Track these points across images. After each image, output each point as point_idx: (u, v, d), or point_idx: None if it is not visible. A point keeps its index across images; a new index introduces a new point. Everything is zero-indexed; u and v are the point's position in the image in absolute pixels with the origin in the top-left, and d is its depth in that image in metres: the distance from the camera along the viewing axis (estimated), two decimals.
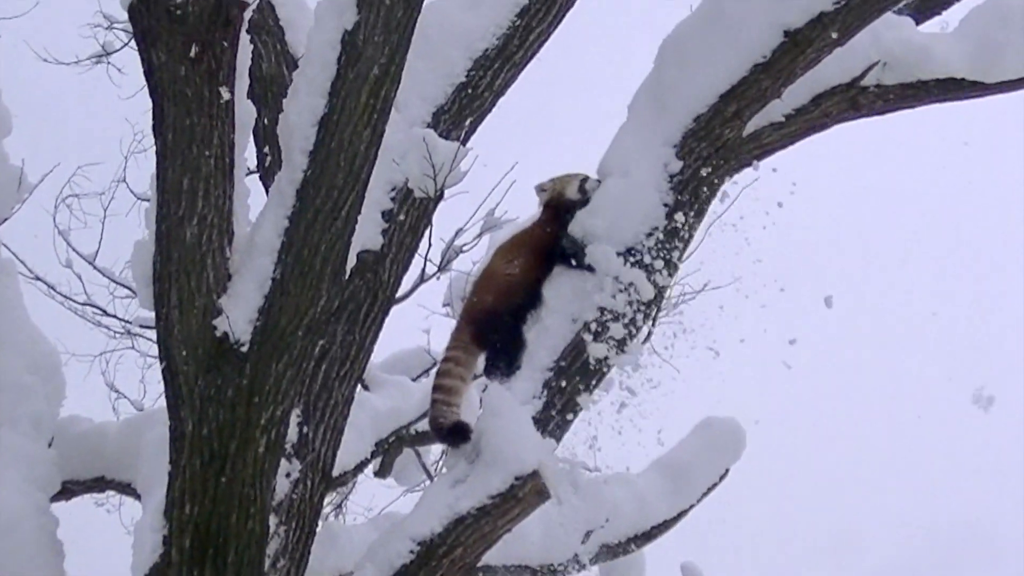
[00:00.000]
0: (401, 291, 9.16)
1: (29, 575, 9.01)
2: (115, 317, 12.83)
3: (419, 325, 11.43)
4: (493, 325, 8.44)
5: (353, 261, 8.17)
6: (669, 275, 8.24)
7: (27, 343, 9.99)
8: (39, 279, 12.68)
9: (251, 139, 8.65)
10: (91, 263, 12.73)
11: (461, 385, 8.48)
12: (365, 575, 7.95)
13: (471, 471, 7.90)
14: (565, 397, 8.13)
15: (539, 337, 8.23)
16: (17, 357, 9.88)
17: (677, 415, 9.34)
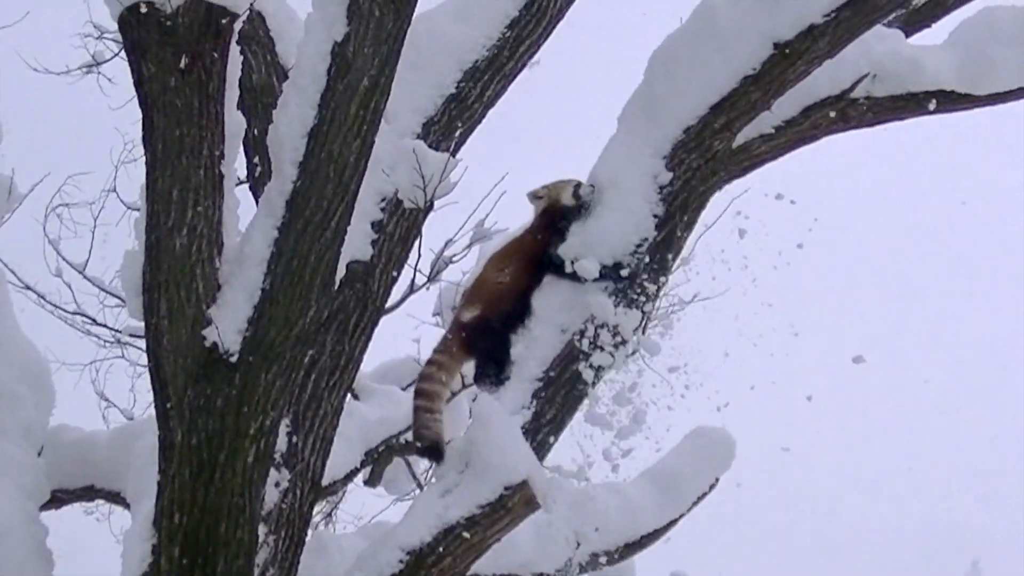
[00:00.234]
0: (391, 301, 9.18)
1: None
2: (105, 326, 12.84)
3: (409, 335, 11.44)
4: (482, 332, 8.45)
5: (343, 272, 8.19)
6: (658, 287, 8.27)
7: (17, 352, 10.00)
8: (29, 288, 12.68)
9: (241, 150, 8.65)
10: (81, 272, 12.73)
11: (443, 390, 8.51)
12: None
13: (460, 481, 7.90)
14: (554, 407, 8.15)
15: (528, 347, 8.24)
16: (7, 366, 9.89)
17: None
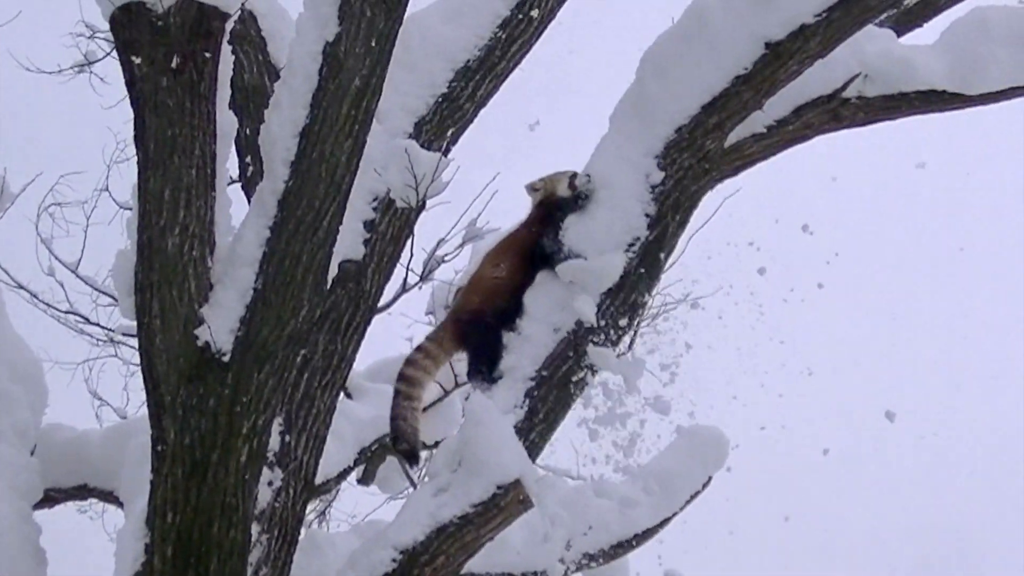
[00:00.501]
0: (383, 301, 9.17)
1: None
2: (98, 325, 12.80)
3: (402, 333, 11.41)
4: (477, 327, 8.48)
5: (335, 271, 8.20)
6: (649, 286, 8.29)
7: (10, 351, 10.00)
8: (22, 287, 12.65)
9: (233, 149, 8.66)
10: (74, 271, 12.70)
11: (425, 378, 8.59)
12: None
13: (453, 480, 7.91)
14: (547, 407, 8.16)
15: (521, 347, 8.25)
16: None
17: None
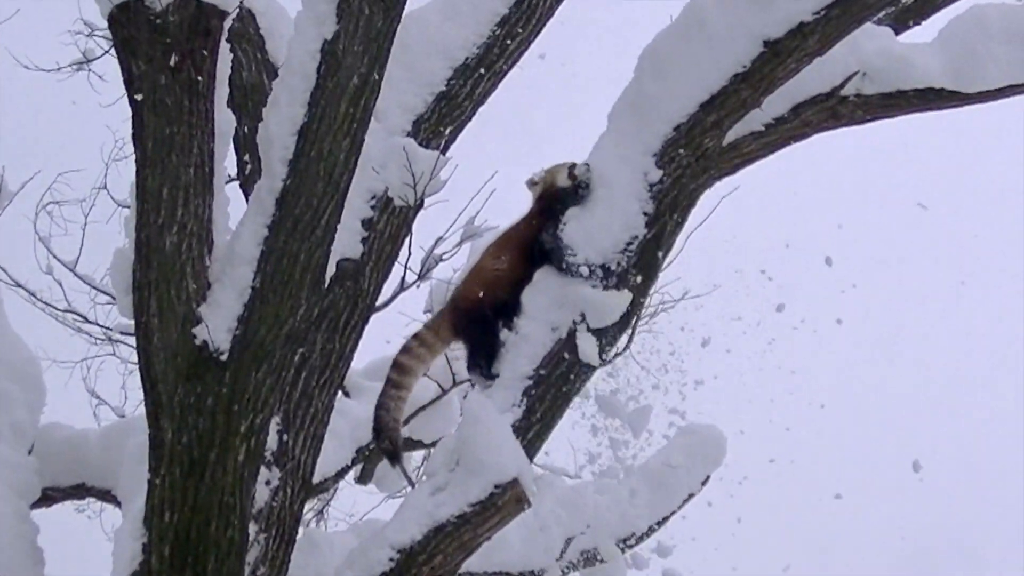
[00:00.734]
0: (381, 299, 9.16)
1: None
2: (96, 324, 12.83)
3: (399, 332, 11.41)
4: (475, 318, 8.47)
5: (333, 270, 8.20)
6: (647, 285, 8.29)
7: (7, 350, 10.00)
8: (20, 286, 12.68)
9: (231, 148, 8.66)
10: (72, 270, 12.72)
11: (418, 366, 8.57)
12: None
13: (451, 479, 7.91)
14: (545, 406, 8.15)
15: (519, 345, 8.24)
16: None
17: None
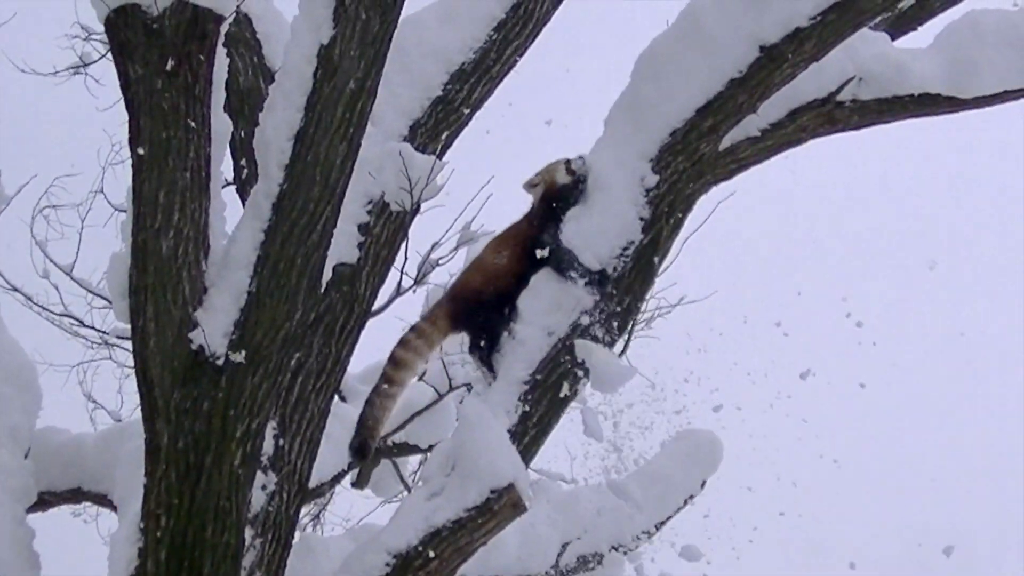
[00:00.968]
0: (377, 304, 9.15)
1: None
2: (92, 328, 12.77)
3: (396, 337, 11.42)
4: (476, 306, 8.48)
5: (329, 274, 8.19)
6: (643, 290, 8.29)
7: (4, 354, 9.99)
8: (16, 290, 12.63)
9: (227, 152, 8.65)
10: (68, 274, 12.67)
11: (415, 359, 8.59)
12: None
13: (447, 483, 7.92)
14: (541, 410, 8.16)
15: (515, 350, 8.24)
16: None
17: None
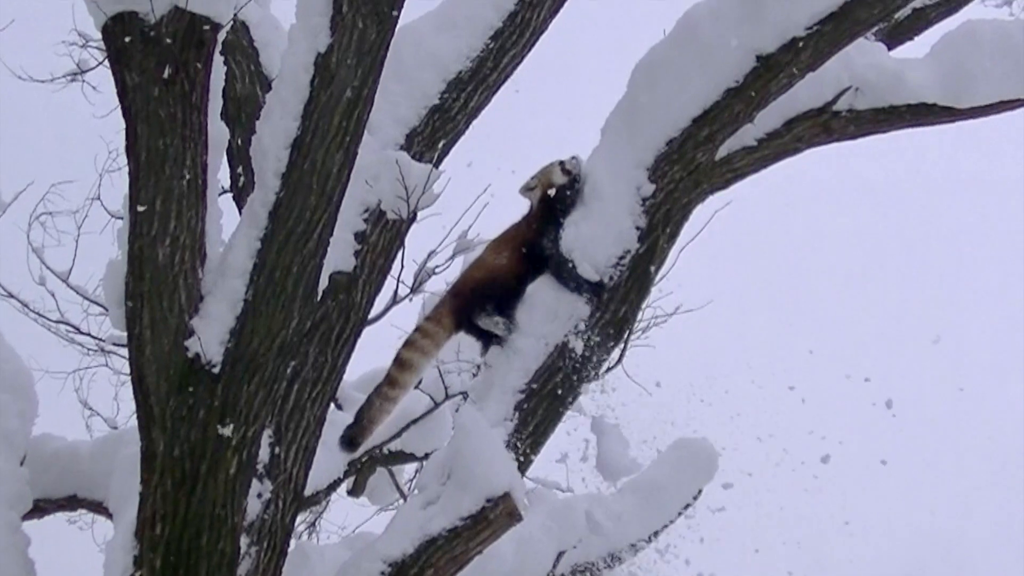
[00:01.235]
0: (373, 312, 9.16)
1: None
2: (89, 335, 12.78)
3: (392, 345, 11.43)
4: (479, 299, 8.49)
5: (325, 282, 8.19)
6: (639, 299, 8.29)
7: (0, 361, 9.98)
8: (12, 296, 12.64)
9: (224, 159, 8.65)
10: (65, 281, 12.68)
11: (420, 360, 8.62)
12: None
13: (443, 492, 7.92)
14: (537, 419, 8.16)
15: (511, 359, 8.25)
16: None
17: None
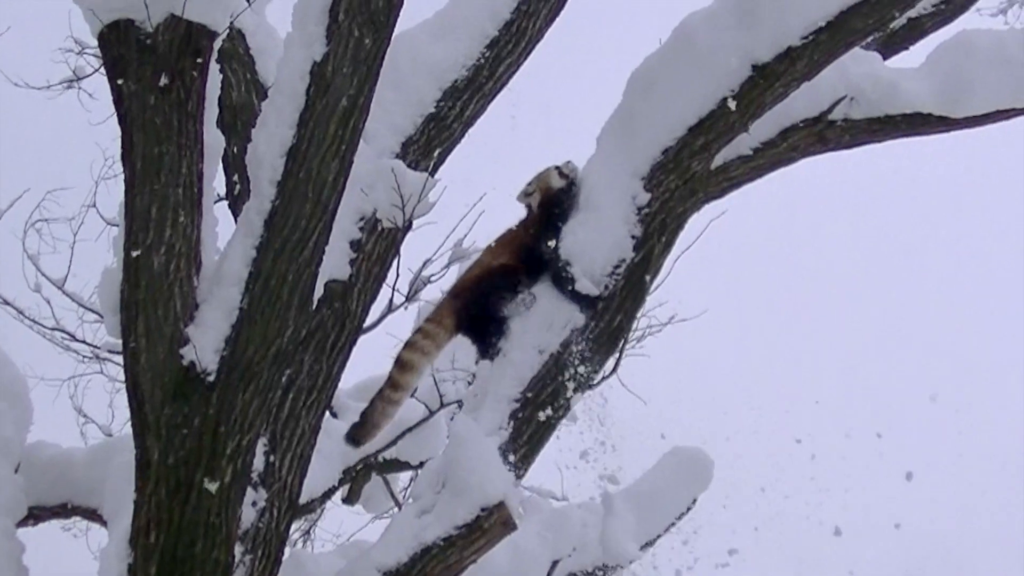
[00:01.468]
0: (369, 321, 9.16)
1: None
2: (84, 342, 12.80)
3: (387, 353, 11.44)
4: (478, 298, 8.50)
5: (321, 291, 8.18)
6: (634, 308, 8.29)
7: None
8: (8, 303, 12.66)
9: (220, 167, 8.65)
10: (60, 288, 12.70)
11: (422, 361, 8.63)
12: None
13: (437, 501, 7.92)
14: (531, 428, 8.16)
15: (506, 368, 8.25)
16: None
17: None
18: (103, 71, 8.18)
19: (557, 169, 8.65)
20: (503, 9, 9.08)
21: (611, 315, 8.27)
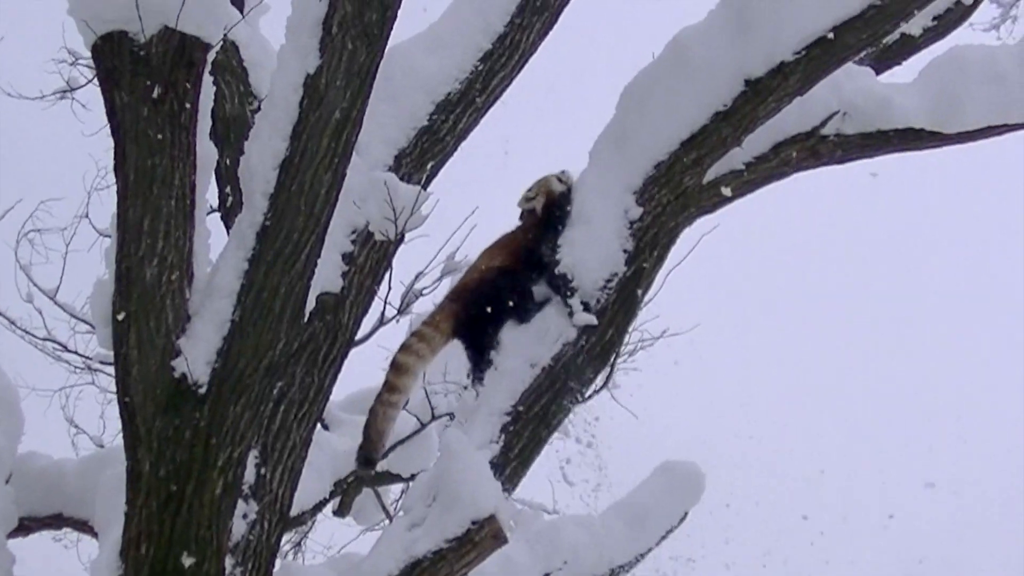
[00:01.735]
0: (360, 333, 9.15)
1: None
2: (75, 352, 12.81)
3: (379, 366, 11.44)
4: (478, 298, 8.50)
5: (312, 303, 8.17)
6: (626, 322, 8.29)
7: None
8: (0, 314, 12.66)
9: (213, 179, 8.64)
10: (52, 298, 12.70)
11: (417, 363, 8.62)
12: None
13: (428, 514, 7.91)
14: (523, 442, 8.15)
15: (497, 381, 8.25)
16: None
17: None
18: (96, 82, 8.18)
19: (557, 176, 8.69)
20: (497, 22, 9.09)
21: (603, 328, 8.27)
